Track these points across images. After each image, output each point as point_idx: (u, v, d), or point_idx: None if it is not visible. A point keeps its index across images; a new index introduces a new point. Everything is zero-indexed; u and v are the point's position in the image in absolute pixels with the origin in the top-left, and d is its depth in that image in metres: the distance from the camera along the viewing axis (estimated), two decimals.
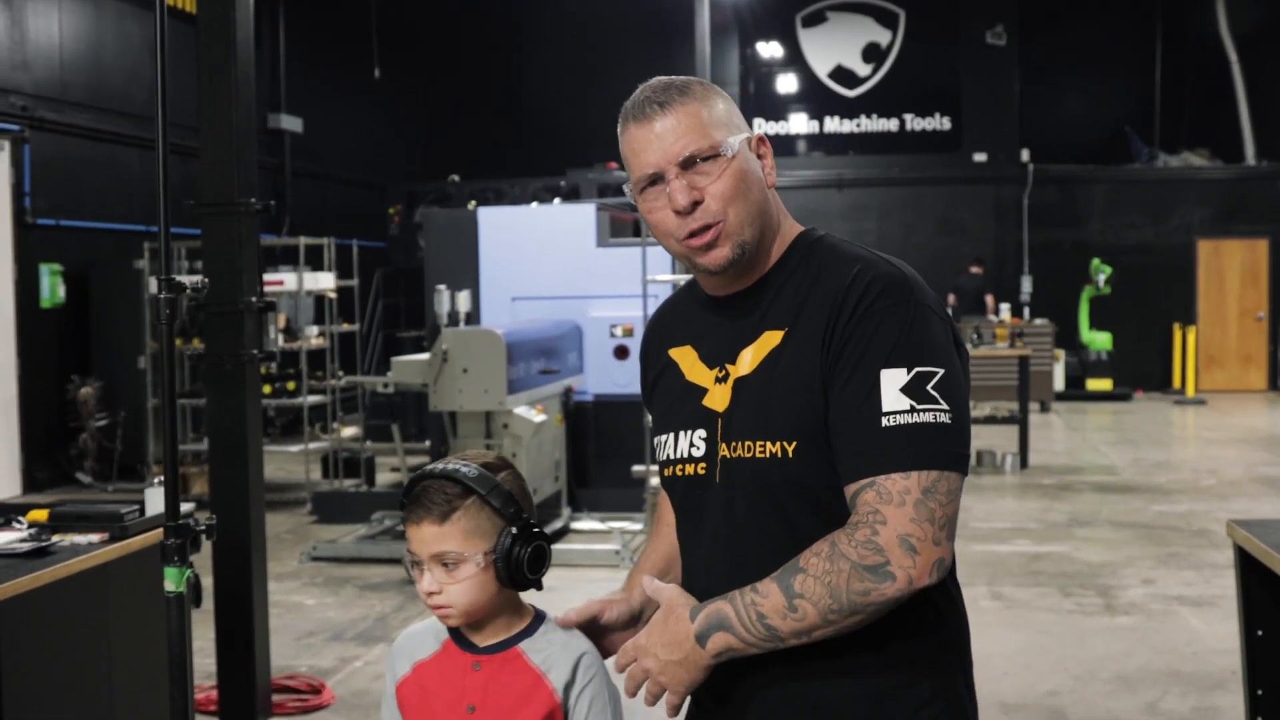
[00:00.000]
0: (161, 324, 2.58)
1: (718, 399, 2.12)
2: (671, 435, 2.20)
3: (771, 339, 2.09)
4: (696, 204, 2.05)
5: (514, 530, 2.21)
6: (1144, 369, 20.25)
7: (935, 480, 1.93)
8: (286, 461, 12.99)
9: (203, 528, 2.71)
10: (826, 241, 2.17)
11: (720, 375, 2.13)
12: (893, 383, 1.95)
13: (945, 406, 1.95)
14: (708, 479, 2.13)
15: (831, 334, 2.01)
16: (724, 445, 2.10)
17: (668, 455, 2.21)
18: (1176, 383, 19.82)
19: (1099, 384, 19.56)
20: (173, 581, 2.69)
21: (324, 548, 9.28)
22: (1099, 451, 14.17)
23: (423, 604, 2.36)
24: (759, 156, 2.14)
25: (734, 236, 2.07)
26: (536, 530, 2.24)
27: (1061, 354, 19.20)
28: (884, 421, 1.94)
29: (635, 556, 8.62)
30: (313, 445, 12.27)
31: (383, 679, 6.03)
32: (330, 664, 6.78)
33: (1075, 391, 19.46)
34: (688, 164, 2.05)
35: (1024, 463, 12.86)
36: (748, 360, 2.10)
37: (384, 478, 12.44)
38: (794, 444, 2.02)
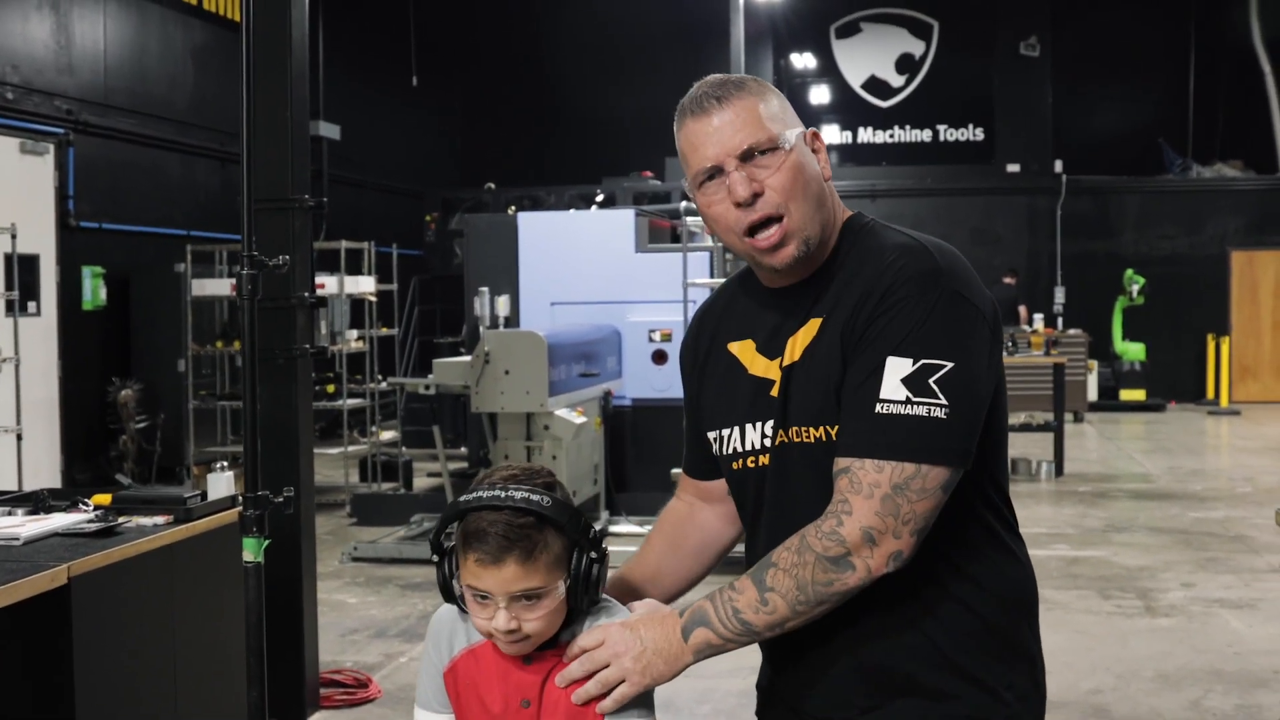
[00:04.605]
0: (243, 299, 2.62)
1: (779, 388, 2.15)
2: (736, 429, 2.21)
3: (814, 326, 2.12)
4: (757, 196, 2.08)
5: (593, 554, 2.10)
6: (1177, 380, 20.18)
7: (910, 475, 1.96)
8: (325, 465, 13.06)
9: (280, 499, 2.77)
10: (872, 228, 2.20)
11: (781, 365, 2.16)
12: (896, 372, 1.99)
13: (944, 401, 1.98)
14: (772, 467, 2.17)
15: (856, 318, 2.05)
16: (780, 432, 2.14)
17: (734, 449, 2.22)
18: (1210, 394, 19.78)
19: (1132, 394, 19.51)
20: (251, 551, 2.76)
21: (365, 548, 9.35)
22: (1133, 460, 14.16)
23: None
24: (814, 151, 2.17)
25: (798, 234, 2.10)
26: (602, 543, 2.14)
27: (1095, 364, 19.17)
28: (878, 408, 1.98)
29: None
30: (351, 449, 12.36)
31: None
32: (375, 659, 6.84)
33: (1108, 402, 19.41)
34: (746, 156, 2.08)
35: (1059, 470, 12.85)
36: (794, 348, 2.14)
37: (420, 482, 12.53)
38: (836, 428, 2.06)
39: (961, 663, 2.10)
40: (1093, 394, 19.07)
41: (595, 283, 10.66)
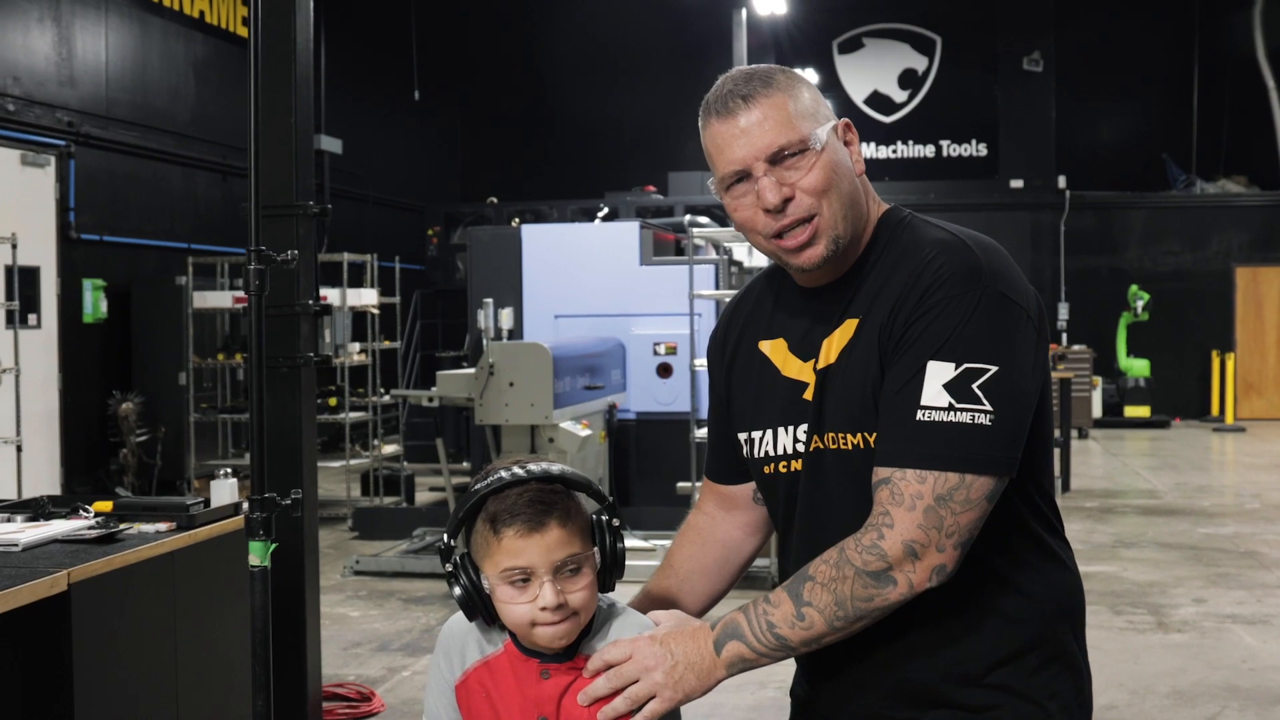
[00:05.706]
0: (251, 294, 2.54)
1: (813, 391, 2.07)
2: (768, 431, 2.13)
3: (850, 328, 2.03)
4: (787, 200, 1.99)
5: (615, 521, 2.06)
6: (1182, 396, 20.11)
7: (954, 486, 1.88)
8: (326, 478, 12.96)
9: (288, 502, 2.70)
10: (910, 222, 2.10)
11: (815, 367, 2.08)
12: (937, 377, 1.90)
13: (988, 407, 1.89)
14: (805, 473, 2.09)
15: (894, 319, 1.96)
16: (815, 438, 2.06)
17: (765, 453, 2.14)
18: (1215, 410, 19.71)
19: (1137, 411, 19.44)
20: (257, 555, 2.68)
21: (367, 561, 9.27)
22: (1139, 476, 14.07)
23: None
24: (845, 144, 2.07)
25: (829, 232, 2.01)
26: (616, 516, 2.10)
27: (1099, 380, 19.11)
28: (919, 415, 1.90)
29: None
30: (353, 462, 12.28)
31: None
32: (378, 673, 6.76)
33: (1113, 418, 19.35)
34: (776, 159, 1.98)
35: (1065, 486, 12.76)
36: (830, 350, 2.05)
37: (423, 496, 12.45)
38: (874, 435, 1.98)
39: (1004, 677, 2.02)
40: (1097, 410, 19.01)
41: (599, 296, 10.58)
